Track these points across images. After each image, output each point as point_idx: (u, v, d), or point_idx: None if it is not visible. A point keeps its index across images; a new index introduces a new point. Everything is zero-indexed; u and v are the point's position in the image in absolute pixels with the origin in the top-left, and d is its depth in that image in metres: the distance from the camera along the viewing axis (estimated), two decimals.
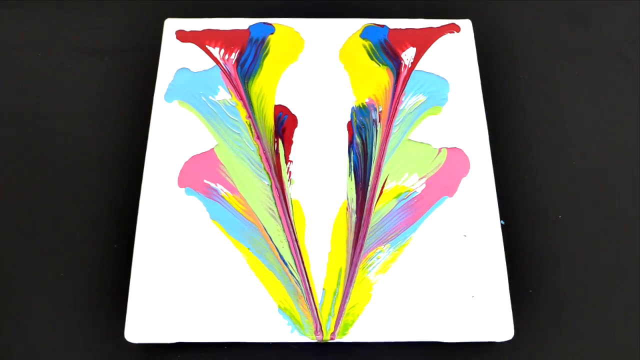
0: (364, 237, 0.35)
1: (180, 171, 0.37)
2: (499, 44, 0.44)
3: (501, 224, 0.36)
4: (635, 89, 0.43)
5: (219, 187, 0.36)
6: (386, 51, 0.41)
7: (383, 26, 0.42)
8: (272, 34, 0.41)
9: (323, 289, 0.34)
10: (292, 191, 0.36)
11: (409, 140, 0.38)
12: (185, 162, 0.37)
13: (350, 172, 0.37)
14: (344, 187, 0.37)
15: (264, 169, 0.37)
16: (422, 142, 0.38)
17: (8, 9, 0.45)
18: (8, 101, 0.42)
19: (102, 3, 0.46)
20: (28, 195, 0.39)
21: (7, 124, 0.41)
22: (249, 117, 0.38)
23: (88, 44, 0.44)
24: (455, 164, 0.37)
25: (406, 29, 0.41)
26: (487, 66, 0.43)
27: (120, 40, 0.44)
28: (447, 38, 0.41)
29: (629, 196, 0.39)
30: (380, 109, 0.39)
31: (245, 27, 0.41)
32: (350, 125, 0.38)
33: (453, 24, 0.42)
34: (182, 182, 0.36)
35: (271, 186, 0.36)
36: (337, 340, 0.33)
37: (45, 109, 0.41)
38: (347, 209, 0.36)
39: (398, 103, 0.39)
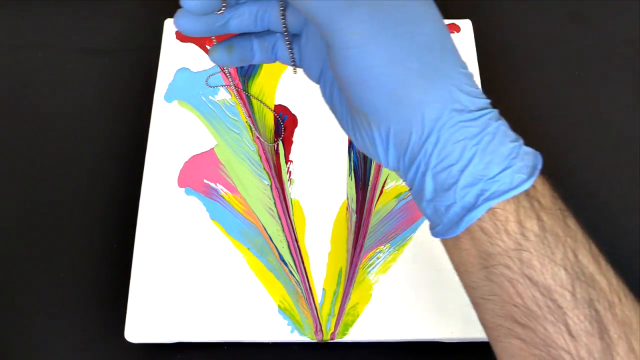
0: (364, 237, 0.35)
1: (180, 171, 0.37)
2: (499, 44, 0.44)
3: None
4: (636, 89, 0.43)
5: (219, 187, 0.36)
6: None
7: None
8: None
9: (323, 289, 0.34)
10: (292, 191, 0.36)
11: None
12: (185, 162, 0.37)
13: (350, 172, 0.37)
14: (344, 186, 0.36)
15: (264, 169, 0.37)
16: None
17: (9, 9, 0.45)
18: (8, 101, 0.42)
19: (103, 3, 0.46)
20: (28, 195, 0.39)
21: (7, 123, 0.41)
22: (249, 117, 0.38)
23: (88, 44, 0.44)
24: None
25: None
26: (487, 66, 0.42)
27: (120, 40, 0.44)
28: None
29: (628, 196, 0.39)
30: None
31: None
32: None
33: (453, 24, 0.42)
34: (182, 182, 0.36)
35: (271, 186, 0.36)
36: (337, 340, 0.33)
37: (46, 109, 0.41)
38: (347, 208, 0.36)
39: None
